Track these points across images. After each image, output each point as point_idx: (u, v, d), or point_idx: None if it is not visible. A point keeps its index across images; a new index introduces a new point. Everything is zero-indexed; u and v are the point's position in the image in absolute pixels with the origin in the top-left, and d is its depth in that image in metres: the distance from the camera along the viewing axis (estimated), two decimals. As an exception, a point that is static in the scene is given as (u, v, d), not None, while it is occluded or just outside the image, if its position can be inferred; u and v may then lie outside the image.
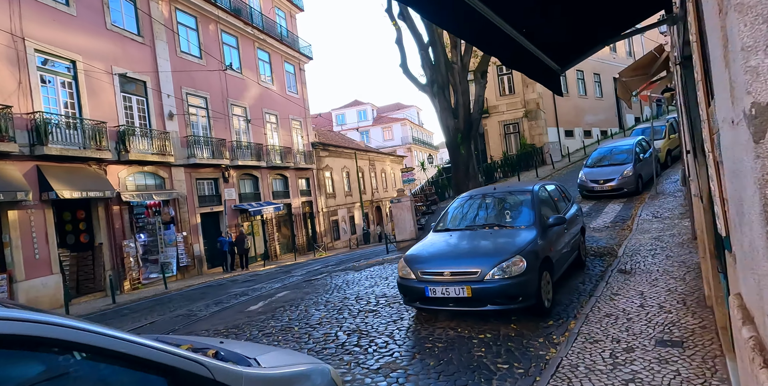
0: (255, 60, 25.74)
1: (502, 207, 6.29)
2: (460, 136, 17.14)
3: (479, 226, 6.03)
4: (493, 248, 5.27)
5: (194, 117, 20.63)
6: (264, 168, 24.64)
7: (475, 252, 5.31)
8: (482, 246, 5.42)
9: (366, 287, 8.53)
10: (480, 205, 6.54)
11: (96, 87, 15.69)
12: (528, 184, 6.79)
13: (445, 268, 5.16)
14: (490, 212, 6.33)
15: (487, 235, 5.68)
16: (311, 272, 14.09)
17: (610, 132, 31.49)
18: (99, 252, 14.99)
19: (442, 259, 5.37)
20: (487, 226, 5.95)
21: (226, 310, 8.58)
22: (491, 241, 5.49)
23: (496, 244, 5.36)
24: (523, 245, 5.17)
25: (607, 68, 33.01)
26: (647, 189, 14.74)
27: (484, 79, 17.45)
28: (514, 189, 6.61)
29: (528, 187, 6.53)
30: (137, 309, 11.12)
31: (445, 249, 5.62)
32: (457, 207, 6.71)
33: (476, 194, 6.84)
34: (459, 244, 5.67)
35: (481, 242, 5.53)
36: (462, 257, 5.29)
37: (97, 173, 15.02)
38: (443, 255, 5.46)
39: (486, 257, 5.09)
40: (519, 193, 6.42)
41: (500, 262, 4.95)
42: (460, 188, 17.58)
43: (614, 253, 8.28)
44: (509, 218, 6.02)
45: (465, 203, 6.71)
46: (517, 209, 6.14)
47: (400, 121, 60.15)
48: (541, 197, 6.30)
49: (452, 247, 5.63)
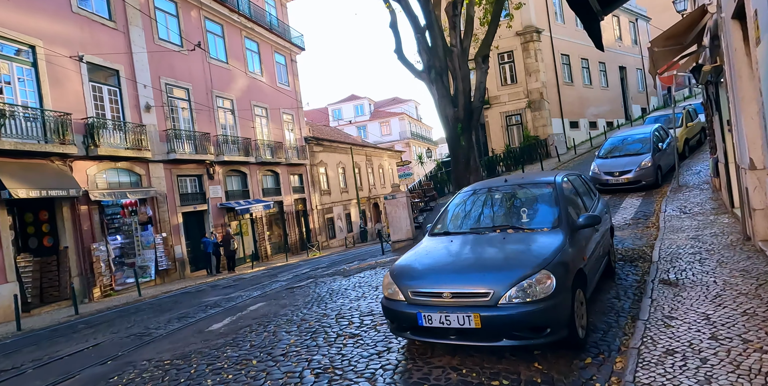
0: (242, 50, 24.32)
1: (515, 204, 4.94)
2: (460, 126, 15.77)
3: (487, 228, 4.67)
4: (508, 260, 3.92)
5: (175, 109, 19.24)
6: (253, 164, 23.27)
7: (485, 265, 3.95)
8: (494, 256, 4.07)
9: (352, 299, 7.19)
10: (487, 202, 5.18)
11: (60, 75, 14.29)
12: (547, 174, 5.44)
13: (444, 287, 3.81)
14: (500, 210, 4.97)
15: (498, 241, 4.32)
16: (297, 277, 12.78)
17: (617, 123, 30.10)
18: (64, 257, 13.64)
19: (440, 274, 4.02)
20: (498, 228, 4.58)
21: (186, 329, 7.24)
22: (505, 249, 4.13)
23: (513, 253, 4.01)
24: (548, 255, 3.82)
25: (612, 57, 31.62)
26: (666, 181, 13.40)
27: (486, 65, 16.06)
28: (531, 181, 5.25)
29: (548, 178, 5.18)
30: (95, 322, 9.78)
31: (444, 260, 4.27)
32: (458, 205, 5.34)
33: (482, 187, 5.47)
34: (462, 253, 4.32)
35: (491, 250, 4.18)
36: (467, 271, 3.93)
37: (60, 169, 13.65)
38: (442, 268, 4.11)
39: (500, 272, 3.74)
40: (537, 185, 5.07)
41: (520, 279, 3.60)
42: (461, 183, 16.23)
43: (647, 257, 6.93)
44: (526, 218, 4.67)
45: (468, 199, 5.35)
46: (536, 207, 4.79)
47: (398, 115, 58.71)
48: (565, 190, 4.96)
49: (454, 257, 4.28)
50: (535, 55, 25.06)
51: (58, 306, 13.04)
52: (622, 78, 32.80)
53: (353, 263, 13.73)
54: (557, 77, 26.57)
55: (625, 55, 33.27)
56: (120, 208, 16.67)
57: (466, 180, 16.08)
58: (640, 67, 35.06)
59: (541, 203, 4.81)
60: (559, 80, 26.69)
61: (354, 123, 57.24)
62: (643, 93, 35.33)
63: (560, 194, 4.79)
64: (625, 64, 33.03)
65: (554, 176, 5.24)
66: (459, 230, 4.86)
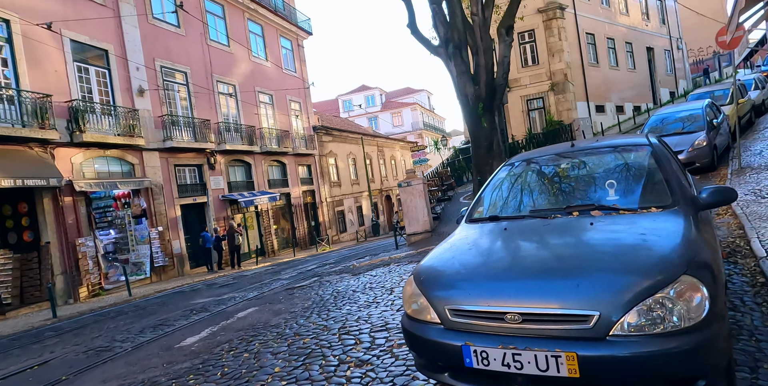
0: (245, 32, 22.86)
1: (596, 176, 3.38)
2: (481, 105, 14.13)
3: (557, 210, 3.11)
4: (614, 258, 2.36)
5: (172, 94, 17.88)
6: (257, 153, 21.89)
7: (574, 267, 2.37)
8: (586, 253, 2.48)
9: (361, 306, 5.72)
10: (550, 174, 3.64)
11: (39, 54, 12.97)
12: (627, 136, 3.88)
13: (507, 302, 2.28)
14: (573, 185, 3.41)
15: (582, 228, 2.75)
16: (301, 275, 11.38)
17: (646, 107, 28.13)
18: (45, 253, 12.38)
19: (498, 281, 2.47)
20: (575, 210, 3.02)
21: (155, 343, 5.83)
22: (601, 241, 2.57)
23: (617, 248, 2.45)
24: (683, 251, 2.28)
25: (639, 37, 29.58)
26: (721, 163, 11.70)
27: (510, 37, 14.36)
28: (612, 144, 3.65)
29: (636, 139, 3.62)
30: (66, 329, 8.46)
31: (501, 259, 2.72)
32: (506, 179, 3.79)
33: (540, 155, 3.91)
34: (528, 248, 2.76)
35: (577, 243, 2.62)
36: (545, 276, 2.35)
37: (40, 156, 12.36)
38: (500, 272, 2.54)
39: (604, 280, 2.19)
40: (624, 150, 3.49)
41: (644, 292, 2.07)
42: (482, 170, 14.62)
43: (744, 251, 5.34)
44: (615, 194, 3.12)
45: (521, 171, 3.80)
46: (629, 179, 3.23)
47: (410, 106, 56.99)
48: (666, 155, 3.39)
49: (515, 254, 2.74)
50: (558, 33, 23.22)
51: (38, 308, 11.80)
52: (650, 60, 30.72)
53: (364, 259, 12.29)
54: (582, 58, 24.69)
55: (653, 36, 31.18)
56: (112, 200, 15.41)
57: (489, 166, 14.47)
58: (668, 49, 32.92)
59: (636, 173, 3.25)
60: (584, 61, 24.81)
61: (365, 114, 55.65)
62: (672, 76, 33.18)
63: (663, 159, 3.23)
64: (652, 45, 30.94)
65: (643, 137, 3.69)
66: (514, 214, 3.32)
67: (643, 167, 3.25)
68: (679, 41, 34.48)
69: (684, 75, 34.73)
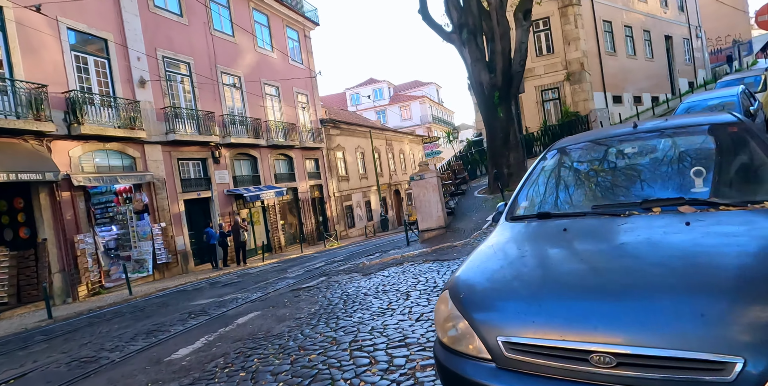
0: (250, 22, 22.20)
1: (674, 163, 2.69)
2: (497, 94, 13.41)
3: (630, 206, 2.43)
4: (755, 273, 1.65)
5: (174, 85, 17.30)
6: (263, 147, 21.29)
7: (689, 285, 1.66)
8: (701, 264, 1.74)
9: (374, 313, 5.08)
10: (608, 163, 2.95)
11: (35, 42, 12.41)
12: (715, 113, 3.18)
13: (593, 335, 1.61)
14: (642, 174, 2.73)
15: (677, 230, 2.07)
16: (309, 273, 10.79)
17: (666, 97, 27.13)
18: (43, 251, 11.87)
19: (573, 301, 1.80)
20: (654, 206, 2.34)
21: (144, 353, 5.24)
22: (721, 249, 1.85)
23: (752, 259, 1.74)
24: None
25: (657, 25, 28.54)
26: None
27: (528, 21, 13.61)
28: (690, 123, 2.97)
29: (722, 116, 2.92)
30: (58, 333, 7.92)
31: (570, 271, 2.03)
32: (552, 169, 3.12)
33: (591, 140, 3.23)
34: (606, 254, 2.07)
35: (684, 249, 1.90)
36: (644, 298, 1.65)
37: (35, 149, 11.83)
38: (574, 289, 1.86)
39: (745, 304, 1.51)
40: (710, 130, 2.81)
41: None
42: (498, 162, 13.94)
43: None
44: (704, 185, 2.43)
45: (571, 159, 3.11)
46: (722, 165, 2.55)
47: (419, 99, 56.12)
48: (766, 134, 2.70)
49: (588, 263, 2.05)
50: (574, 21, 22.30)
51: (35, 308, 11.30)
52: (668, 48, 29.64)
53: (374, 257, 11.66)
54: (599, 46, 23.77)
55: (671, 24, 30.07)
56: (114, 195, 14.91)
57: (505, 159, 13.79)
58: (687, 37, 31.78)
59: (732, 157, 2.56)
60: (601, 50, 23.89)
61: (373, 107, 54.87)
62: (690, 65, 32.05)
63: (764, 138, 2.54)
64: (670, 34, 29.85)
65: (726, 113, 2.99)
66: (570, 211, 2.65)
67: (740, 150, 2.55)
68: (698, 29, 33.30)
69: (703, 65, 33.58)
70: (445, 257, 8.00)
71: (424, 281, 6.25)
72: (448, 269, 6.81)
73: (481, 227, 10.50)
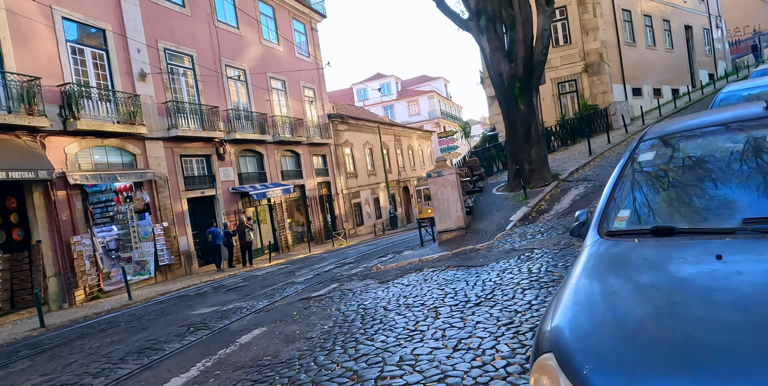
0: (255, 13, 21.40)
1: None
2: (518, 85, 12.56)
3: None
4: None
5: (177, 79, 16.57)
6: (270, 143, 20.54)
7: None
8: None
9: (399, 336, 4.30)
10: (749, 158, 2.15)
11: (27, 32, 11.72)
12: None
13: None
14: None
15: None
16: (318, 276, 10.07)
17: (688, 89, 26.09)
18: (37, 253, 11.21)
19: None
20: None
21: (129, 382, 4.51)
22: None
23: None
24: None
25: (677, 14, 27.48)
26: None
27: (551, 7, 12.75)
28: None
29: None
30: (46, 346, 7.22)
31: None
32: (656, 166, 2.28)
33: (706, 126, 2.42)
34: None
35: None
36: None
37: (28, 146, 11.14)
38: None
39: None
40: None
41: None
42: (519, 157, 13.11)
43: None
44: None
45: (683, 153, 2.31)
46: None
47: (427, 94, 55.14)
48: None
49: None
50: (593, 9, 21.33)
51: (29, 314, 10.65)
52: (688, 39, 28.55)
53: (387, 258, 10.92)
54: (618, 36, 22.80)
55: (691, 13, 28.96)
56: (114, 193, 14.23)
57: (527, 154, 12.96)
58: (707, 27, 30.63)
59: None
60: (620, 40, 22.90)
61: (380, 103, 53.99)
62: (711, 57, 30.91)
63: None
64: (690, 24, 28.74)
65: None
66: (707, 227, 1.85)
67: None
68: (718, 19, 32.12)
69: (723, 56, 32.40)
70: (470, 263, 7.21)
71: (452, 294, 5.47)
72: (477, 279, 6.03)
73: (504, 227, 9.72)
